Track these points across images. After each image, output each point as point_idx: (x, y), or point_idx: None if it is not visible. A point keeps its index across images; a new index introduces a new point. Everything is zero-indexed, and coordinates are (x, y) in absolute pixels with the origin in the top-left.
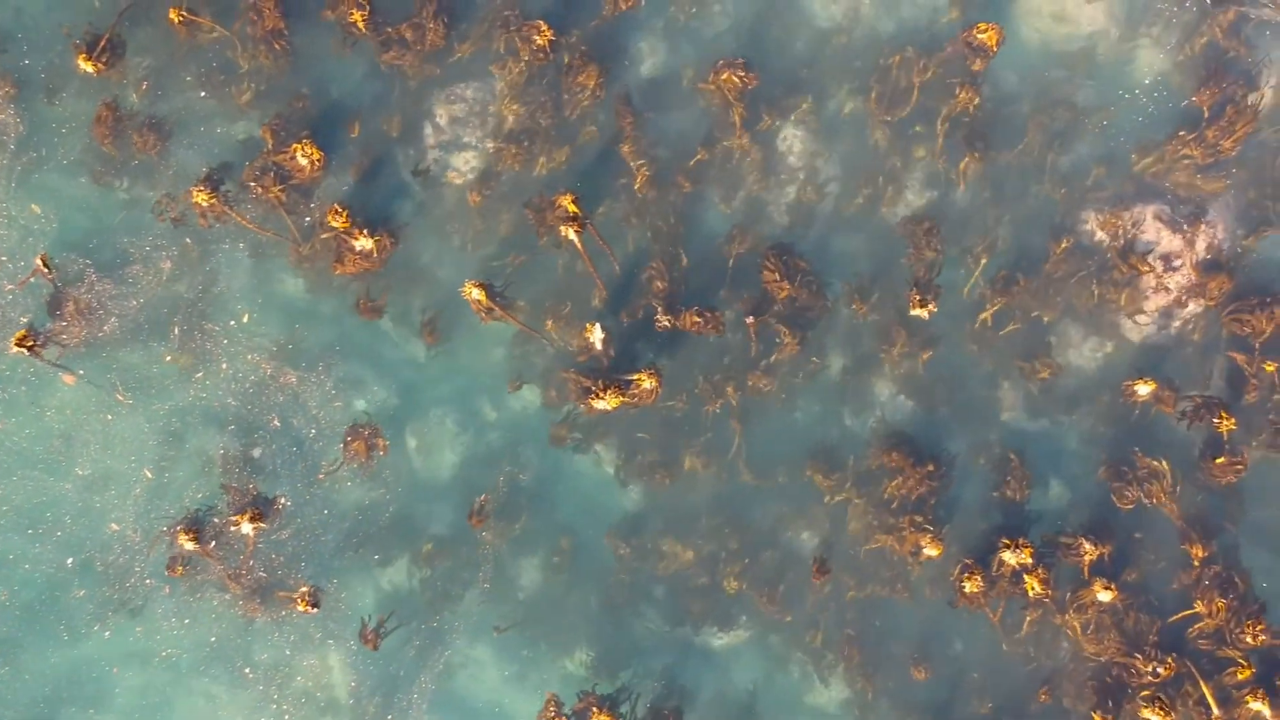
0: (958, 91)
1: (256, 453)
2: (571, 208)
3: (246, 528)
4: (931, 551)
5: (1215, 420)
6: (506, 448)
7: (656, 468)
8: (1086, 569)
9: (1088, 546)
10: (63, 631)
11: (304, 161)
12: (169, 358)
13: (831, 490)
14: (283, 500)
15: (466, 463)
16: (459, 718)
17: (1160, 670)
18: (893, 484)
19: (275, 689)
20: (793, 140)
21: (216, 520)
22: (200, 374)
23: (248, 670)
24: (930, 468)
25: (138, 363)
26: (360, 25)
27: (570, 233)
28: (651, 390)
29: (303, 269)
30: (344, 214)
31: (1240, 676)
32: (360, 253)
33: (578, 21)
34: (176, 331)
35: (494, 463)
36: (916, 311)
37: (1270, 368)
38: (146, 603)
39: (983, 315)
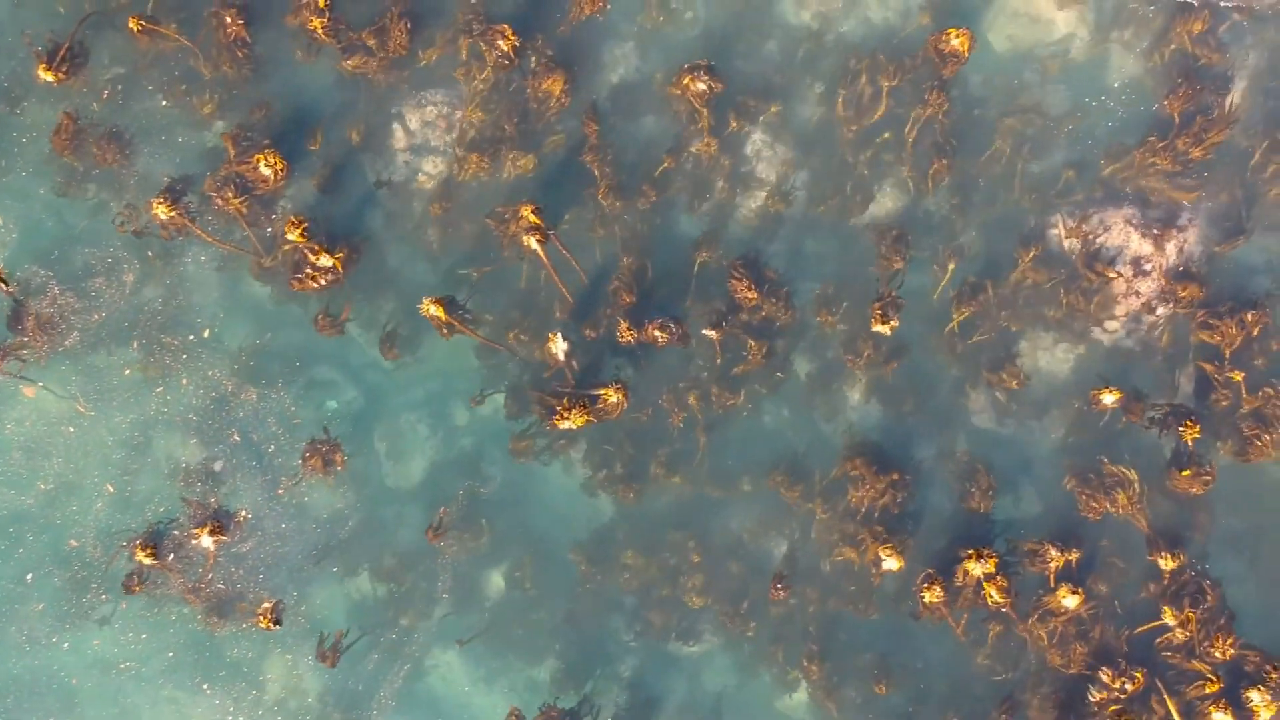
0: (927, 97)
1: (217, 466)
2: (533, 218)
3: (207, 541)
4: (892, 564)
5: (1181, 429)
6: (477, 453)
7: (621, 480)
8: (1053, 576)
9: (1054, 553)
10: (24, 643)
11: (267, 171)
12: (128, 371)
13: (797, 501)
14: (244, 513)
15: (436, 467)
16: None
17: (1129, 686)
18: (855, 494)
19: (232, 701)
20: (761, 146)
21: (177, 533)
22: (161, 388)
23: (206, 686)
24: (894, 477)
25: (99, 373)
26: (320, 32)
27: (533, 243)
28: (618, 404)
29: (266, 279)
30: (301, 226)
31: (1208, 690)
32: (320, 269)
33: (543, 26)
34: (136, 345)
35: (464, 468)
36: (878, 328)
37: (1238, 377)
38: (106, 616)
39: (950, 324)
